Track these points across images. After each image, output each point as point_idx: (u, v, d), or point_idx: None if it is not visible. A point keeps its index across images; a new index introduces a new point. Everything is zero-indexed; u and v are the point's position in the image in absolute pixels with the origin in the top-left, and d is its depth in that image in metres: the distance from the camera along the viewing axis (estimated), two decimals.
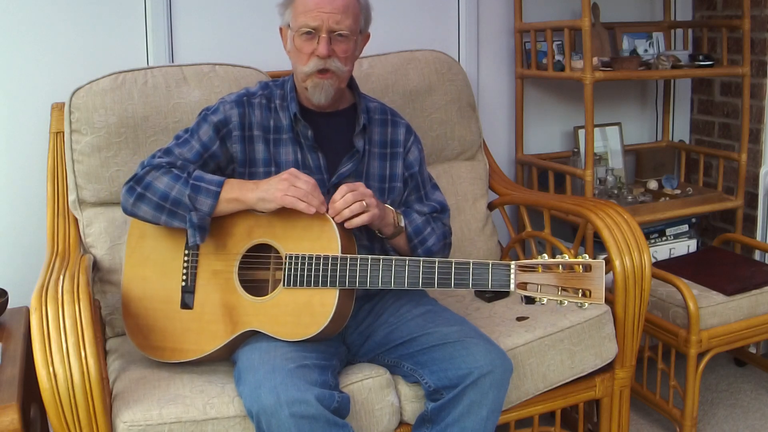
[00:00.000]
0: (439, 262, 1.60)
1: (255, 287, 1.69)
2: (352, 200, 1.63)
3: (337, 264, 1.61)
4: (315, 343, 1.66)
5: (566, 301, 1.54)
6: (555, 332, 1.92)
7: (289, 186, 1.61)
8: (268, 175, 1.74)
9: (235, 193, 1.65)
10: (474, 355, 1.63)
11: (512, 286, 1.56)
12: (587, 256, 1.55)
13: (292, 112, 1.77)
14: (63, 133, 2.00)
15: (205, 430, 1.55)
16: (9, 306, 1.95)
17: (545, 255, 1.57)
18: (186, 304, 1.70)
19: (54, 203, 2.02)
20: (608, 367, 2.04)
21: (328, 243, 1.63)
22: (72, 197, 2.00)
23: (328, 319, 1.60)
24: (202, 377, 1.68)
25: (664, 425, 2.41)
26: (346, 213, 1.63)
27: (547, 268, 1.54)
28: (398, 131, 1.88)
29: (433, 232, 1.82)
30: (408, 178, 1.88)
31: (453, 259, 1.60)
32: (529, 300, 2.07)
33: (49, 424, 1.47)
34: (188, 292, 1.71)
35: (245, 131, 1.77)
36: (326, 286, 1.62)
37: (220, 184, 1.65)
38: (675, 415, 2.28)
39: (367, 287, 1.62)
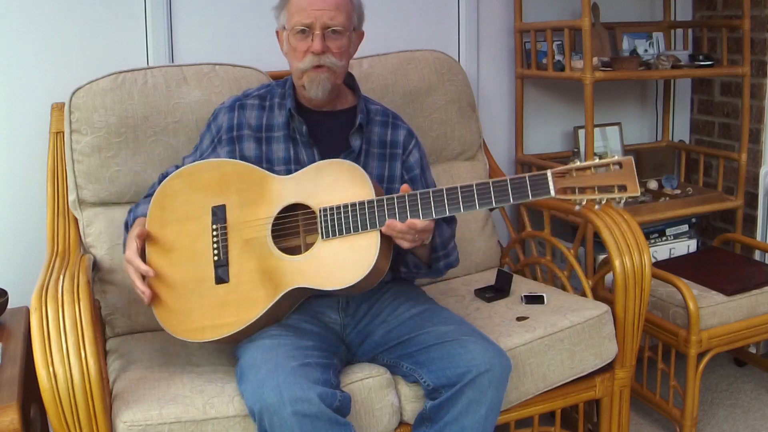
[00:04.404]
0: (476, 183, 1.60)
1: (287, 254, 1.68)
2: (411, 239, 1.62)
3: (373, 206, 1.62)
4: (317, 342, 1.67)
5: (605, 198, 1.56)
6: (555, 332, 1.92)
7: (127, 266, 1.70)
8: None
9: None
10: (472, 354, 1.63)
11: (552, 191, 1.56)
12: (616, 155, 1.55)
13: (288, 108, 1.80)
14: (63, 133, 2.00)
15: (205, 430, 1.55)
16: (9, 306, 1.95)
17: (577, 161, 1.59)
18: (221, 279, 1.69)
19: (54, 203, 2.02)
20: (608, 367, 2.04)
21: (360, 189, 1.65)
22: (72, 197, 2.00)
23: (374, 259, 1.61)
24: (202, 377, 1.69)
25: (664, 425, 2.41)
26: (398, 239, 1.63)
27: (581, 171, 1.57)
28: (398, 133, 1.89)
29: (455, 244, 1.84)
30: (408, 181, 1.87)
31: (490, 179, 1.60)
32: (530, 300, 2.08)
33: (49, 424, 1.47)
34: (221, 266, 1.70)
35: (233, 132, 1.82)
36: (366, 229, 1.62)
37: (126, 226, 1.82)
38: (675, 415, 2.28)
39: (408, 219, 1.60)
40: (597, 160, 1.56)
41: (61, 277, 1.61)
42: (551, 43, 2.56)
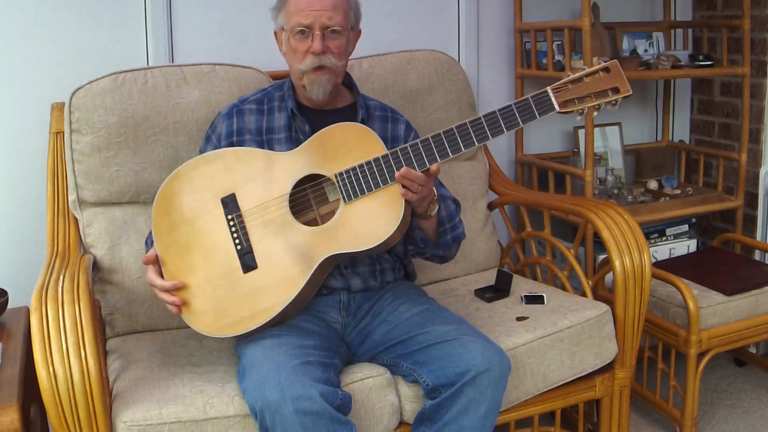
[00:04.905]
0: (484, 116, 1.63)
1: (311, 218, 1.70)
2: (417, 188, 1.62)
3: (389, 159, 1.64)
4: (318, 341, 1.67)
5: (602, 103, 1.66)
6: (555, 332, 1.92)
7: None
8: None
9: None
10: (471, 353, 1.63)
11: (557, 106, 1.64)
12: (602, 61, 1.67)
13: (290, 108, 1.81)
14: (63, 133, 2.00)
15: (205, 430, 1.55)
16: (9, 306, 1.95)
17: (570, 73, 1.67)
18: (249, 266, 1.68)
19: (54, 203, 2.02)
20: (608, 367, 2.04)
21: (372, 147, 1.66)
22: (72, 197, 2.00)
23: (402, 210, 1.63)
24: (202, 377, 1.69)
25: (664, 425, 2.41)
26: (406, 187, 1.63)
27: (574, 82, 1.65)
28: (398, 127, 1.91)
29: (461, 221, 1.87)
30: None
31: (496, 109, 1.64)
32: (530, 300, 2.08)
33: (49, 424, 1.47)
34: (246, 253, 1.68)
35: (234, 137, 1.83)
36: (386, 183, 1.64)
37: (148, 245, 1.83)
38: (675, 415, 2.28)
39: (427, 166, 1.63)
40: (586, 69, 1.66)
41: (61, 277, 1.61)
42: (551, 43, 2.56)
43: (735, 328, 2.23)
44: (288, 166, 1.71)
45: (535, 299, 2.08)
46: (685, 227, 2.77)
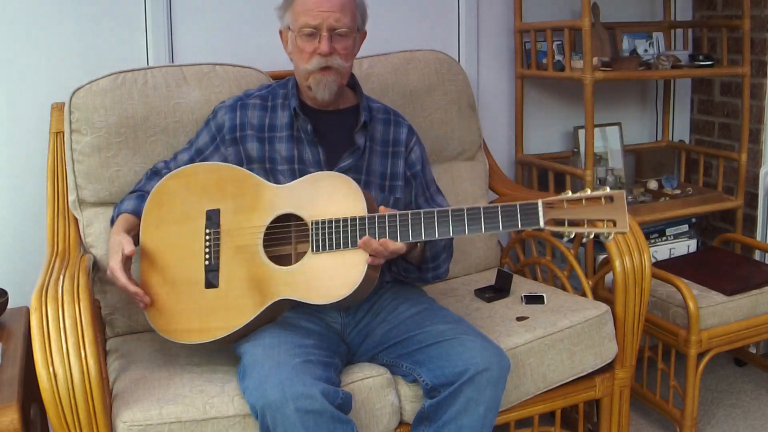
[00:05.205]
0: (467, 209, 1.60)
1: (278, 262, 1.69)
2: (380, 258, 1.64)
3: (364, 223, 1.62)
4: (318, 341, 1.67)
5: (593, 233, 1.55)
6: (555, 332, 1.92)
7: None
8: (262, 171, 1.79)
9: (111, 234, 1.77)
10: (470, 352, 1.63)
11: (542, 222, 1.56)
12: (608, 188, 1.56)
13: (292, 107, 1.81)
14: (63, 133, 1.99)
15: (205, 430, 1.55)
16: (9, 306, 1.95)
17: (569, 191, 1.59)
18: (211, 283, 1.70)
19: (54, 203, 2.01)
20: (608, 367, 2.04)
21: (354, 205, 1.64)
22: (72, 197, 2.00)
23: (360, 279, 1.61)
24: (202, 377, 1.69)
25: (664, 425, 2.41)
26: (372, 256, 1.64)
27: (571, 203, 1.56)
28: (400, 131, 1.90)
29: (448, 257, 1.87)
30: (411, 177, 1.89)
31: (481, 205, 1.61)
32: (530, 300, 2.08)
33: (49, 424, 1.47)
34: (212, 270, 1.71)
35: (237, 133, 1.83)
36: (355, 246, 1.62)
37: (112, 222, 1.84)
38: (675, 415, 2.28)
39: (397, 240, 1.62)
40: (589, 192, 1.55)
41: (61, 277, 1.61)
42: (551, 43, 2.56)
43: (735, 328, 2.23)
44: (273, 200, 1.71)
45: (535, 299, 2.08)
46: (685, 227, 2.77)
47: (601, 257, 2.31)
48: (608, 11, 2.81)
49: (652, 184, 2.85)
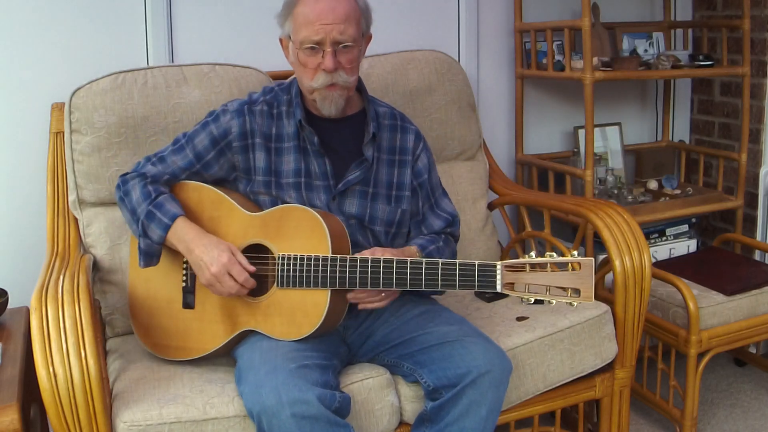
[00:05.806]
0: (426, 263, 1.59)
1: (258, 285, 1.69)
2: (376, 301, 1.67)
3: (327, 265, 1.62)
4: (316, 343, 1.66)
5: (554, 301, 1.51)
6: (555, 332, 1.92)
7: (221, 274, 1.61)
8: (267, 183, 1.75)
9: (186, 237, 1.65)
10: (473, 354, 1.63)
11: (499, 287, 1.54)
12: (576, 253, 1.53)
13: (298, 119, 1.76)
14: (63, 133, 2.00)
15: (205, 430, 1.55)
16: (9, 306, 1.95)
17: (533, 253, 1.54)
18: (188, 304, 1.73)
19: (54, 203, 2.02)
20: (608, 367, 2.04)
21: (318, 243, 1.63)
22: (72, 197, 2.00)
23: (321, 319, 1.62)
24: (202, 377, 1.68)
25: (664, 425, 2.41)
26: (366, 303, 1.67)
27: (534, 267, 1.51)
28: (407, 138, 1.86)
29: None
30: (417, 186, 1.86)
31: (440, 260, 1.60)
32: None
33: (49, 424, 1.47)
34: (189, 292, 1.73)
35: (247, 140, 1.77)
36: (317, 286, 1.62)
37: (173, 218, 1.67)
38: (675, 415, 2.28)
39: (357, 287, 1.62)
40: (554, 257, 1.50)
41: (61, 277, 1.61)
42: (551, 43, 2.56)
43: (735, 328, 2.23)
44: (244, 228, 1.70)
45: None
46: (685, 227, 2.77)
47: (601, 257, 2.30)
48: (608, 11, 2.81)
49: (652, 184, 2.85)
